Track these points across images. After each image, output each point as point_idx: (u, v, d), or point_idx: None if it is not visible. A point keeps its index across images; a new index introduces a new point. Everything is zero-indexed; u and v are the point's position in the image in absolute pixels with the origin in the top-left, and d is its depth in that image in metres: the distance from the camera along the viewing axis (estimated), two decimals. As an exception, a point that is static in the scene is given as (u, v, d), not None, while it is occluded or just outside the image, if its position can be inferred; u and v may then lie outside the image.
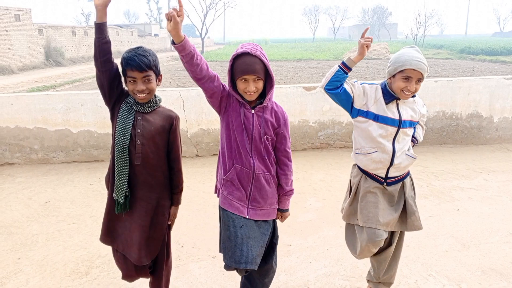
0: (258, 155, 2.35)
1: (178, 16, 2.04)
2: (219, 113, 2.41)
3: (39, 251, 3.63)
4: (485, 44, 42.13)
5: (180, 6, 2.07)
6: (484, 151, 6.50)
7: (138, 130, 2.32)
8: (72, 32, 36.14)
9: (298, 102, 6.40)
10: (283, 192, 2.50)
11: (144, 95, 2.30)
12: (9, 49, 26.93)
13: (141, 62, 2.22)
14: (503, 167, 5.71)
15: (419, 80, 2.43)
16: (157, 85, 2.38)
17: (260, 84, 2.25)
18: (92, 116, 6.04)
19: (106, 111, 5.93)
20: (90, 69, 28.65)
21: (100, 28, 2.23)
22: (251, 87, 2.21)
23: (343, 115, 6.47)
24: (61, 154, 6.11)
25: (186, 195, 2.72)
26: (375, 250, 2.64)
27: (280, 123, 2.40)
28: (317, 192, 4.91)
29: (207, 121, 6.30)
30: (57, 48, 32.48)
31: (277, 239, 2.57)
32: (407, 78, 2.41)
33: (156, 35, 62.33)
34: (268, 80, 2.30)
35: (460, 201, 4.59)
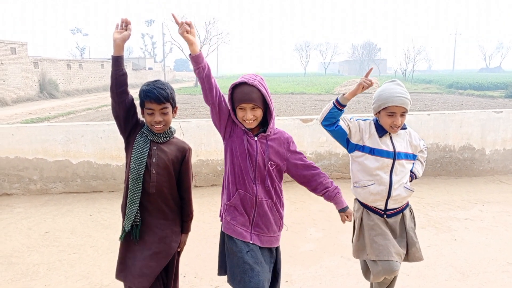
0: (261, 182, 2.41)
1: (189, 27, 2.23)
2: (223, 138, 2.48)
3: (41, 281, 3.62)
4: (472, 79, 43.31)
5: (176, 19, 2.30)
6: (478, 182, 6.63)
7: (154, 160, 2.39)
8: (67, 65, 36.56)
9: (296, 133, 6.53)
10: (328, 193, 2.53)
11: (161, 126, 2.39)
12: (4, 81, 27.13)
13: (160, 95, 2.32)
14: (497, 198, 5.82)
15: (403, 113, 2.55)
16: (173, 116, 2.48)
17: (258, 113, 2.34)
18: (92, 147, 6.10)
19: (106, 142, 6.02)
20: (84, 102, 28.85)
21: (118, 61, 2.35)
22: (248, 115, 2.31)
23: (339, 147, 6.57)
24: (60, 185, 6.12)
25: None
26: (390, 277, 2.69)
27: (285, 147, 2.49)
28: (316, 222, 4.96)
29: (206, 151, 6.39)
30: (52, 81, 32.74)
31: (280, 268, 2.60)
32: (392, 114, 2.54)
33: (150, 68, 63.23)
34: (268, 109, 2.40)
35: (457, 231, 4.67)
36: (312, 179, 2.55)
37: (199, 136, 6.32)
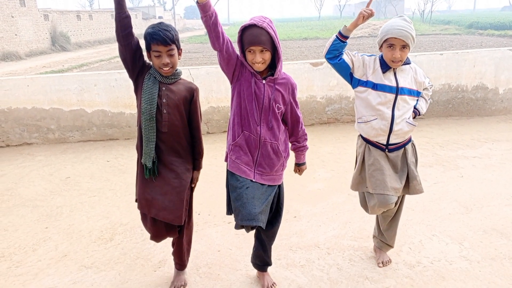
0: (266, 124, 2.48)
1: None
2: (231, 82, 2.52)
3: (65, 221, 3.87)
4: (493, 19, 41.52)
5: None
6: (489, 122, 6.61)
7: (164, 100, 2.48)
8: (77, 17, 36.17)
9: (306, 78, 6.52)
10: (295, 147, 2.69)
11: (168, 68, 2.45)
12: (15, 35, 27.11)
13: (166, 37, 2.36)
14: (508, 136, 5.83)
15: (404, 47, 2.54)
16: (178, 58, 2.53)
17: (267, 55, 2.36)
18: (106, 96, 6.22)
19: (119, 91, 6.14)
20: (96, 53, 28.78)
21: (120, 4, 2.36)
22: (257, 58, 2.33)
23: (350, 90, 6.59)
24: (77, 133, 6.33)
25: None
26: (385, 210, 2.82)
27: (289, 92, 2.54)
28: (325, 164, 5.09)
29: (217, 99, 6.46)
30: (63, 33, 32.58)
31: (282, 204, 2.73)
32: (391, 46, 2.55)
33: (160, 17, 62.01)
34: (276, 52, 2.42)
35: (464, 168, 4.75)
36: (295, 129, 2.66)
37: (209, 83, 6.36)
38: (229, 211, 2.64)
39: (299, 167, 2.83)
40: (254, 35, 2.30)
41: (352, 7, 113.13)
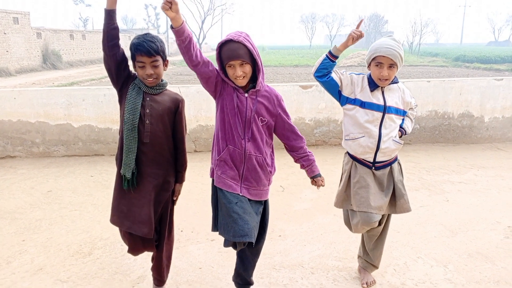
0: (251, 137, 2.46)
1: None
2: (214, 98, 2.51)
3: (43, 234, 3.76)
4: (479, 53, 42.62)
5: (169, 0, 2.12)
6: (475, 149, 6.68)
7: (147, 110, 2.45)
8: (70, 36, 36.30)
9: (295, 100, 6.56)
10: (300, 157, 2.67)
11: (152, 79, 2.43)
12: (7, 51, 27.05)
13: (150, 48, 2.36)
14: (493, 163, 5.88)
15: (391, 65, 2.57)
16: (164, 69, 2.52)
17: (247, 68, 2.35)
18: (94, 111, 6.17)
19: (107, 107, 6.10)
20: (87, 72, 28.77)
21: (110, 15, 2.36)
22: (238, 72, 2.33)
23: (338, 113, 6.64)
24: (62, 148, 6.24)
25: (185, 186, 2.85)
26: (368, 229, 2.79)
27: (275, 104, 2.53)
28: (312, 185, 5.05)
29: (206, 117, 6.45)
30: (55, 51, 32.61)
31: (267, 220, 2.69)
32: (379, 65, 2.58)
33: (153, 40, 62.46)
34: (256, 65, 2.40)
35: (450, 193, 4.75)
36: (295, 142, 2.64)
37: (198, 101, 6.36)
38: (215, 228, 2.58)
39: (315, 179, 2.76)
40: (232, 49, 2.31)
41: (343, 37, 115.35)
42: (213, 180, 2.55)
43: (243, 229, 2.35)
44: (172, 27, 2.24)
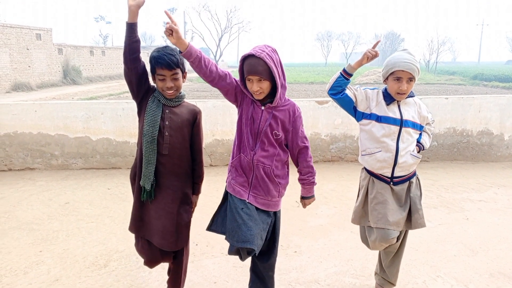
0: (261, 148, 2.48)
1: (175, 26, 2.23)
2: (237, 106, 2.58)
3: (60, 246, 3.78)
4: (498, 71, 42.16)
5: (170, 17, 2.25)
6: (494, 167, 6.55)
7: (167, 122, 2.48)
8: (90, 52, 37.09)
9: (311, 115, 6.56)
10: (299, 178, 2.67)
11: (172, 91, 2.47)
12: (29, 66, 27.74)
13: (170, 61, 2.40)
14: (514, 182, 5.75)
15: (410, 79, 2.56)
16: (183, 81, 2.55)
17: (265, 85, 2.38)
18: (112, 124, 6.26)
19: (125, 120, 6.17)
20: (106, 88, 29.29)
21: (132, 28, 2.41)
22: (254, 87, 2.38)
23: (355, 129, 6.60)
24: (80, 161, 6.32)
25: (200, 200, 2.87)
26: (386, 245, 2.74)
27: (290, 119, 2.53)
28: (328, 200, 5.02)
29: (222, 131, 6.48)
30: (75, 67, 33.31)
31: (278, 234, 2.67)
32: (398, 79, 2.57)
33: (171, 57, 63.41)
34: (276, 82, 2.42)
35: (470, 211, 4.65)
36: (298, 159, 2.64)
37: (215, 116, 6.41)
38: (210, 227, 2.64)
39: (302, 200, 2.78)
40: (252, 64, 2.35)
41: (359, 55, 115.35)
42: (226, 185, 2.63)
43: (245, 235, 2.37)
44: (180, 52, 2.34)
